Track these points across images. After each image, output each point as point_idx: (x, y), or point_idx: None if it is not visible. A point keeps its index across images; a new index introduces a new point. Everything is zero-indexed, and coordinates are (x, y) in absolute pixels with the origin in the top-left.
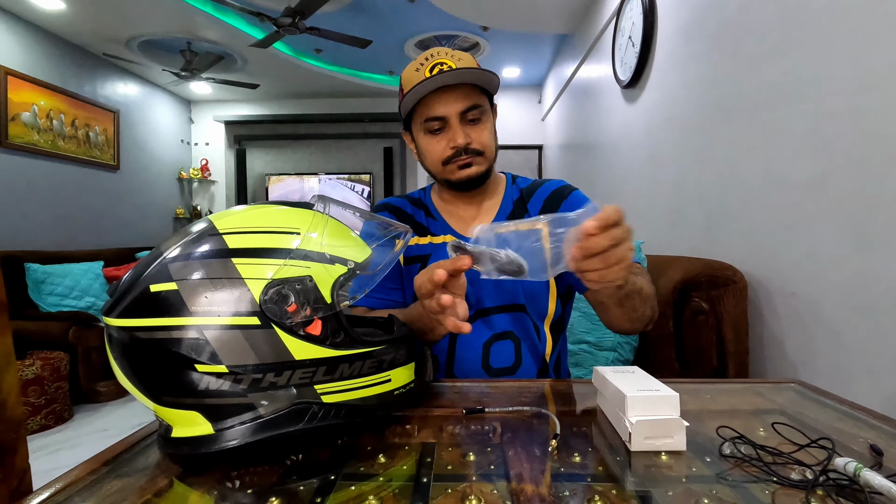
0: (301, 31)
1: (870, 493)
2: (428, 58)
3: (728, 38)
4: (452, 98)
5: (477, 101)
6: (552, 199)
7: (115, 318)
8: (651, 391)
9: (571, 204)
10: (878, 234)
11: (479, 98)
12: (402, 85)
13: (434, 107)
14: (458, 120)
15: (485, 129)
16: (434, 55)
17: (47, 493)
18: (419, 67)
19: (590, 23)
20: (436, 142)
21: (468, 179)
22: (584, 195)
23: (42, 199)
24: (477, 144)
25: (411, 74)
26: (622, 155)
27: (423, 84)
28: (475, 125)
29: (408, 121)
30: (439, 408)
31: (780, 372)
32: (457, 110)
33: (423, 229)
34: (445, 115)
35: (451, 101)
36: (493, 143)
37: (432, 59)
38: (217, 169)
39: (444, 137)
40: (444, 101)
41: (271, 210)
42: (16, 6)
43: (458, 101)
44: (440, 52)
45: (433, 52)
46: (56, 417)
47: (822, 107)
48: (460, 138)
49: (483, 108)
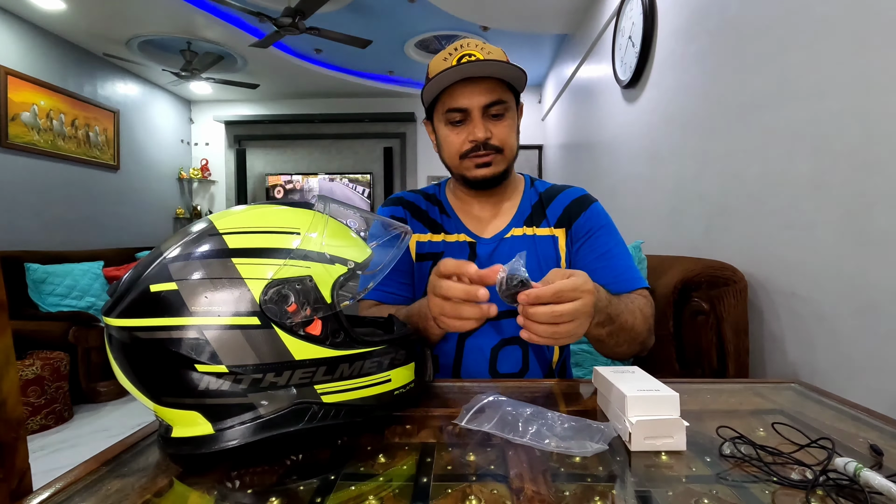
0: (301, 30)
1: (870, 493)
2: (458, 48)
3: (728, 38)
4: (477, 91)
5: (502, 96)
6: (573, 206)
7: (115, 318)
8: (651, 391)
9: (589, 217)
10: (877, 234)
11: (505, 94)
12: (428, 73)
13: (457, 98)
14: (480, 113)
15: (507, 125)
16: (464, 45)
17: (47, 493)
18: (447, 57)
19: (590, 23)
20: (455, 134)
21: (484, 179)
22: (603, 208)
23: (42, 200)
24: (497, 140)
25: (438, 63)
26: (622, 155)
27: (447, 73)
28: (497, 121)
29: (430, 110)
30: (439, 408)
31: (780, 372)
32: (480, 103)
33: (437, 226)
34: (468, 107)
35: (476, 94)
36: (514, 141)
37: (461, 49)
38: (217, 169)
39: (464, 130)
40: (468, 92)
41: (271, 210)
42: (16, 6)
43: (482, 94)
44: (470, 43)
45: (463, 42)
46: (56, 417)
47: (822, 107)
48: (480, 132)
49: (507, 105)
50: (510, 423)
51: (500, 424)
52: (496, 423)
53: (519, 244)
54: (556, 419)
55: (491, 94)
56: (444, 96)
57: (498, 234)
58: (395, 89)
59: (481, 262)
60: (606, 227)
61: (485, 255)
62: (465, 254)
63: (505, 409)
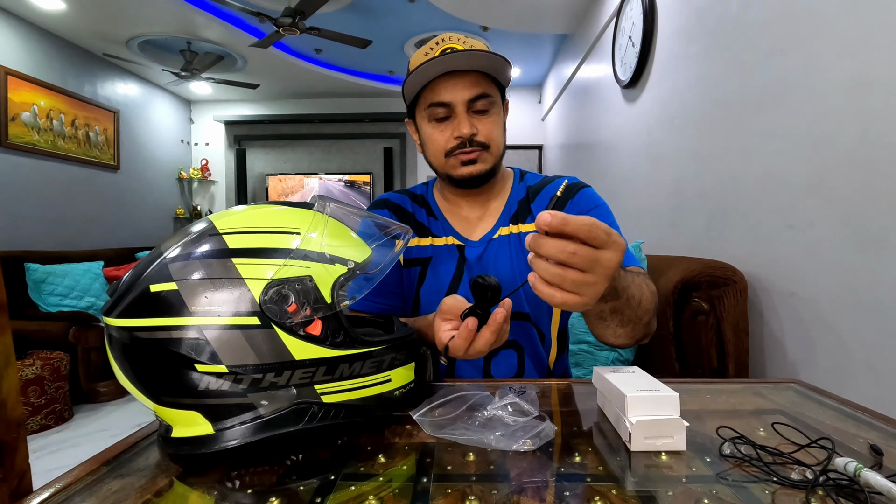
0: (301, 31)
1: (870, 493)
2: (438, 42)
3: (728, 37)
4: (461, 84)
5: (487, 90)
6: (559, 198)
7: (115, 318)
8: (651, 391)
9: (577, 203)
10: (878, 234)
11: (490, 88)
12: (409, 68)
13: (440, 92)
14: (464, 108)
15: (493, 121)
16: (445, 39)
17: (47, 493)
18: (428, 52)
19: (590, 23)
20: (439, 131)
21: (470, 177)
22: (595, 192)
23: (42, 200)
24: (483, 137)
25: (419, 58)
26: (622, 155)
27: (429, 65)
28: (483, 116)
29: (412, 108)
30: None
31: (780, 372)
32: (464, 98)
33: (425, 229)
34: (451, 102)
35: (459, 88)
36: (500, 138)
37: (442, 43)
38: (217, 169)
39: (448, 126)
40: (451, 86)
41: (271, 210)
42: (16, 6)
43: (466, 88)
44: (451, 36)
45: (444, 36)
46: (56, 417)
47: (822, 106)
48: (465, 128)
49: (493, 100)
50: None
51: (450, 421)
52: (447, 420)
53: (506, 244)
54: (506, 416)
55: (476, 87)
56: (425, 91)
57: (486, 235)
58: (395, 89)
59: (470, 265)
60: (599, 208)
61: (473, 259)
62: (454, 258)
63: (461, 409)
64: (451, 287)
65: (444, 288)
